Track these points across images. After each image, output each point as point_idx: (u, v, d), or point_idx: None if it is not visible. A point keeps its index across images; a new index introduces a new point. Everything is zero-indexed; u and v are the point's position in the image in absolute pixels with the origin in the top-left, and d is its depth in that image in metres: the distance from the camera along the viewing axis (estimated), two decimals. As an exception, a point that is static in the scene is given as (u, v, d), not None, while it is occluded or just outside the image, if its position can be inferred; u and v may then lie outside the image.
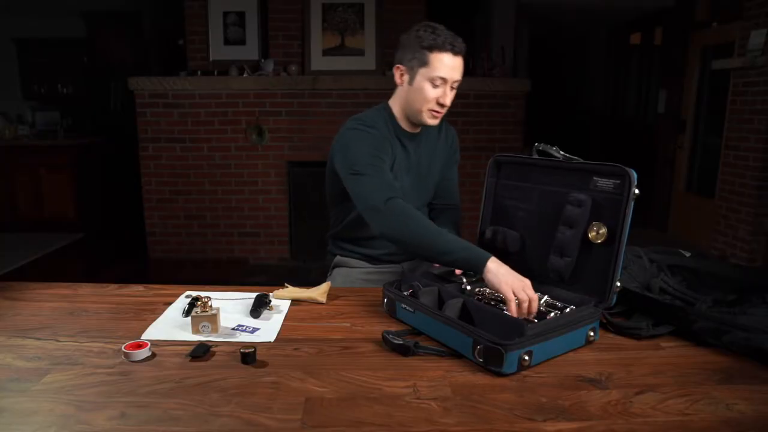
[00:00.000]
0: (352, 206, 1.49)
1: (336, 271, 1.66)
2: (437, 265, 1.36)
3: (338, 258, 1.67)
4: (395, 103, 1.52)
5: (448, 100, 1.41)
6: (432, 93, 1.40)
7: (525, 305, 1.10)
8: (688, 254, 1.36)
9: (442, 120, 1.60)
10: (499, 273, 1.14)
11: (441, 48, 1.36)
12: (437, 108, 1.43)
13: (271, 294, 1.29)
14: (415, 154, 1.55)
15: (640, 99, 5.89)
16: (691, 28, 4.84)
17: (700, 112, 4.87)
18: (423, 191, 1.60)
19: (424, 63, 1.38)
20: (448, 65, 1.37)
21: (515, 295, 1.09)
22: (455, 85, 1.42)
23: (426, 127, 1.56)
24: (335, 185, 1.51)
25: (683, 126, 5.00)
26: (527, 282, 1.13)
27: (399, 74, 1.46)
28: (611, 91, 6.56)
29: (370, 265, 1.63)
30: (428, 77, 1.39)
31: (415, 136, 1.54)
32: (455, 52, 1.37)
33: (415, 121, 1.49)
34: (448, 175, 1.67)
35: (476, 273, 1.19)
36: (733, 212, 4.04)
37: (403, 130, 1.52)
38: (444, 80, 1.39)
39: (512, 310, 1.09)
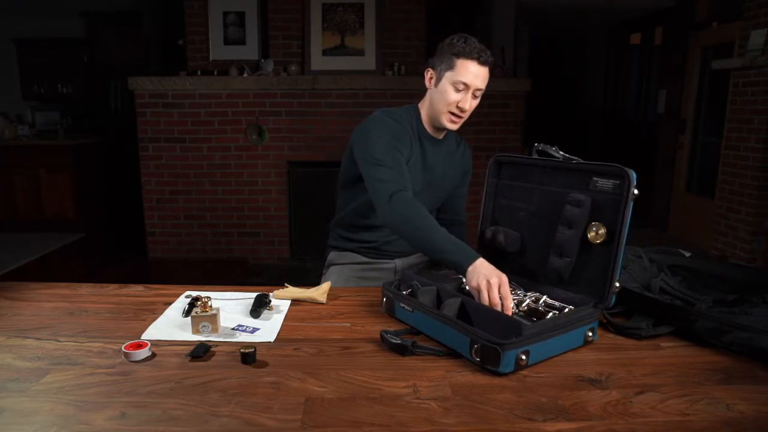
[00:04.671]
0: (360, 193, 1.56)
1: (330, 269, 1.69)
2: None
3: (332, 255, 1.71)
4: (423, 106, 1.58)
5: (467, 106, 1.48)
6: (453, 96, 1.47)
7: (487, 299, 1.12)
8: (688, 254, 1.36)
9: (462, 138, 1.70)
10: (476, 267, 1.18)
11: (468, 56, 1.44)
12: (457, 111, 1.49)
13: (271, 294, 1.29)
14: (433, 159, 1.59)
15: (640, 99, 5.89)
16: (691, 28, 4.84)
17: (700, 112, 4.87)
18: (433, 196, 1.64)
19: (451, 67, 1.46)
20: (472, 72, 1.44)
21: (485, 289, 1.12)
22: (478, 93, 1.49)
23: (447, 137, 1.62)
24: (349, 171, 1.58)
25: (683, 126, 5.00)
26: (503, 278, 1.14)
27: (428, 77, 1.54)
28: (611, 91, 6.56)
29: (365, 259, 1.65)
30: (452, 81, 1.46)
31: (436, 141, 1.60)
32: (481, 62, 1.44)
33: (436, 123, 1.55)
34: (459, 193, 1.72)
35: (462, 273, 1.21)
36: (733, 212, 4.04)
37: (426, 132, 1.58)
38: (466, 86, 1.46)
39: (482, 300, 1.12)
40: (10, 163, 4.86)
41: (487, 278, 1.13)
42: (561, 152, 1.24)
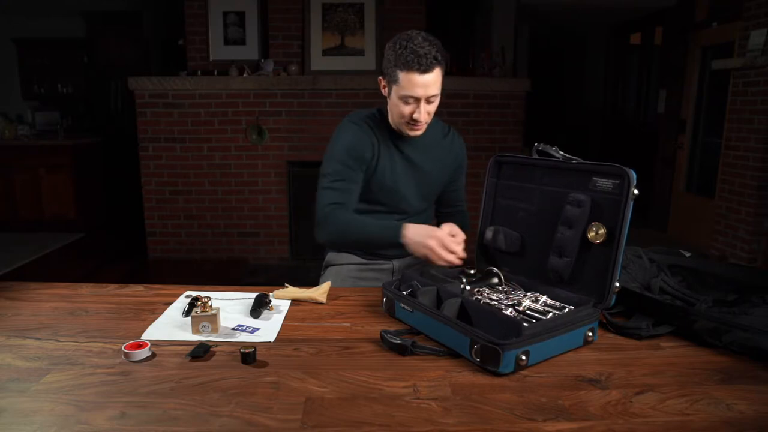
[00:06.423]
0: None
1: (328, 270, 1.69)
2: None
3: (330, 256, 1.71)
4: (389, 108, 1.55)
5: (421, 117, 1.43)
6: (405, 109, 1.43)
7: (440, 258, 1.30)
8: (688, 254, 1.36)
9: (450, 128, 1.67)
10: (412, 242, 1.34)
11: (409, 67, 1.36)
12: (412, 122, 1.45)
13: (271, 294, 1.29)
14: (414, 155, 1.57)
15: (640, 99, 5.89)
16: (691, 28, 4.84)
17: (700, 112, 4.87)
18: (424, 191, 1.62)
19: (396, 80, 1.40)
20: (417, 84, 1.37)
21: (433, 255, 1.29)
22: (433, 99, 1.43)
23: (427, 130, 1.58)
24: None
25: (683, 126, 5.00)
26: (437, 233, 1.30)
27: (382, 85, 1.49)
28: (611, 91, 6.56)
29: (362, 260, 1.65)
30: (399, 95, 1.41)
31: (409, 138, 1.56)
32: (422, 71, 1.36)
33: (398, 132, 1.53)
34: (454, 186, 1.70)
35: (400, 247, 1.38)
36: (733, 212, 4.04)
37: (397, 133, 1.55)
38: (415, 98, 1.40)
39: (440, 260, 1.30)
40: (10, 163, 4.86)
41: (424, 246, 1.28)
42: (561, 152, 1.24)
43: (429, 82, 1.38)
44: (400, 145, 1.55)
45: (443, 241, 1.28)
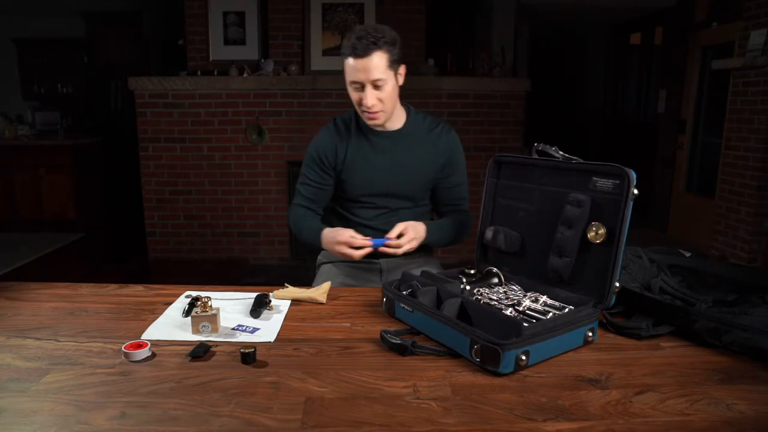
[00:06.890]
0: (333, 196, 1.69)
1: (321, 268, 1.73)
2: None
3: (322, 254, 1.75)
4: None
5: (369, 102, 1.46)
6: (353, 96, 1.50)
7: (354, 257, 1.44)
8: (688, 254, 1.36)
9: (439, 123, 1.65)
10: (327, 248, 1.53)
11: (347, 54, 1.45)
12: (364, 109, 1.50)
13: (271, 294, 1.29)
14: (393, 150, 1.60)
15: (640, 99, 5.89)
16: (691, 28, 4.84)
17: (700, 112, 4.87)
18: (406, 186, 1.63)
19: (344, 68, 1.48)
20: (356, 68, 1.44)
21: (345, 257, 1.45)
22: (379, 83, 1.45)
23: (409, 125, 1.61)
24: None
25: (683, 126, 5.00)
26: (343, 237, 1.43)
27: None
28: (611, 91, 6.56)
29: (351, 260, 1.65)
30: (347, 82, 1.49)
31: (387, 132, 1.59)
32: (357, 56, 1.42)
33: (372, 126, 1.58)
34: (447, 183, 1.67)
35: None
36: (733, 212, 4.04)
37: (372, 128, 1.59)
38: (359, 83, 1.46)
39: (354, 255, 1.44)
40: (10, 163, 4.86)
41: (338, 251, 1.45)
42: (561, 152, 1.24)
43: (368, 66, 1.42)
44: (375, 140, 1.59)
45: (350, 243, 1.43)
